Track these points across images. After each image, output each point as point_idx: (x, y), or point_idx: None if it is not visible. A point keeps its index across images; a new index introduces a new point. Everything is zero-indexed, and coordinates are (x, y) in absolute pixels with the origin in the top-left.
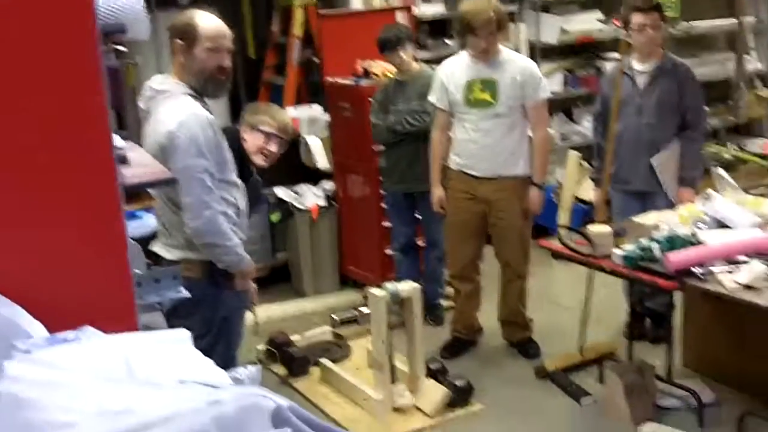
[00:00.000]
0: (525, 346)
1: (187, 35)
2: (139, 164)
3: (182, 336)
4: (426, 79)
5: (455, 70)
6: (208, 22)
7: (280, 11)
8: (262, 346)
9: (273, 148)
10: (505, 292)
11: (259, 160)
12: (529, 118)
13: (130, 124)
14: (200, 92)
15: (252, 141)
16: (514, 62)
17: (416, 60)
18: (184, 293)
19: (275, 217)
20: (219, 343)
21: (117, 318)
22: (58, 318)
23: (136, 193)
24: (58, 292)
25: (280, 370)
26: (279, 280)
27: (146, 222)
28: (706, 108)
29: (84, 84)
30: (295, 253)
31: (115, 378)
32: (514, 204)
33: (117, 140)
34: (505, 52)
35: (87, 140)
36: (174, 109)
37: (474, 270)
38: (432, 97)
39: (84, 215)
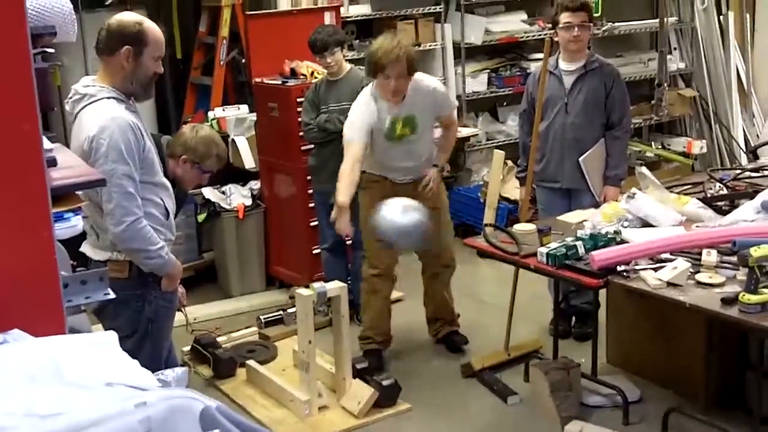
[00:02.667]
0: (452, 339)
1: (138, 42)
2: (66, 166)
3: (109, 338)
4: (356, 79)
5: (376, 111)
6: (155, 29)
7: (208, 11)
8: (187, 348)
9: (206, 181)
10: (430, 287)
11: (188, 187)
12: (441, 123)
13: (56, 125)
14: (135, 97)
15: (189, 175)
16: (422, 89)
17: (346, 60)
18: (111, 294)
19: (201, 217)
20: (146, 344)
21: (45, 320)
22: None
23: (64, 195)
24: None
25: (205, 371)
26: (205, 280)
27: (74, 224)
28: (631, 107)
29: (14, 86)
30: (222, 253)
31: (44, 380)
32: (434, 196)
33: (45, 142)
34: (411, 80)
35: (16, 142)
36: (95, 113)
37: (395, 269)
38: (353, 134)
39: (12, 218)
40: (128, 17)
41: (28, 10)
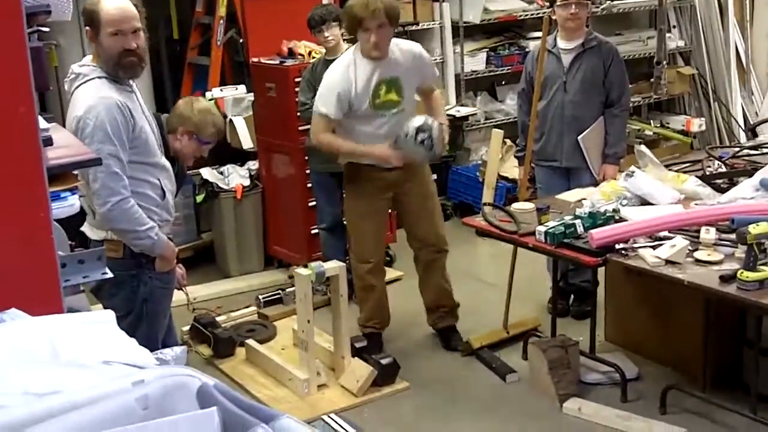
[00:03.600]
0: (448, 335)
1: (92, 22)
2: (63, 145)
3: (107, 317)
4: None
5: (354, 77)
6: (110, 5)
7: None
8: (187, 327)
9: (206, 153)
10: (427, 275)
11: (188, 161)
12: (422, 92)
13: (54, 105)
14: (116, 75)
15: (188, 148)
16: (403, 51)
17: (344, 40)
18: (109, 274)
19: (200, 197)
20: (141, 324)
21: (42, 300)
22: None
23: (61, 174)
24: None
25: (204, 350)
26: (204, 260)
27: (71, 203)
28: (630, 85)
29: (9, 65)
30: (220, 233)
31: (41, 359)
32: (422, 180)
33: (41, 122)
34: (391, 42)
35: (12, 122)
36: (85, 93)
37: (384, 261)
38: (323, 108)
39: (8, 197)
40: None
41: None
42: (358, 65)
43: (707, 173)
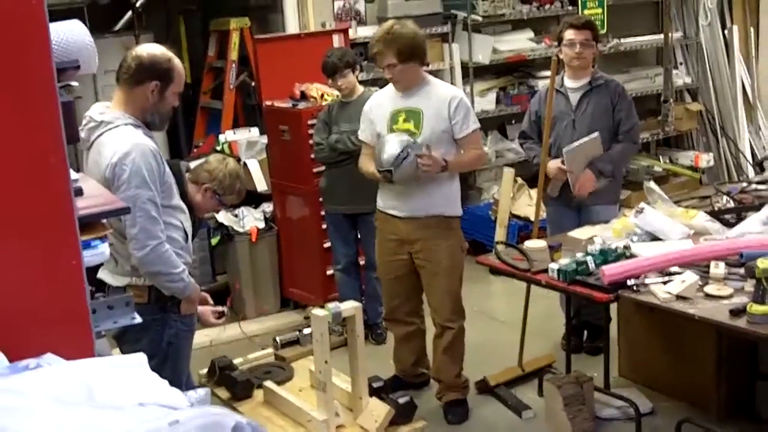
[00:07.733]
0: (447, 410)
1: (166, 77)
2: (92, 195)
3: (139, 360)
4: (367, 101)
5: (381, 101)
6: (180, 66)
7: (216, 35)
8: (204, 370)
9: (220, 211)
10: (434, 343)
11: (200, 214)
12: (461, 148)
13: (69, 150)
14: (151, 126)
15: (207, 204)
16: (440, 92)
17: (360, 82)
18: (138, 319)
19: (215, 240)
20: (166, 367)
21: (75, 345)
22: (19, 346)
23: (90, 223)
24: (19, 321)
25: (222, 393)
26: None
27: (101, 251)
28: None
29: (42, 121)
30: (236, 275)
31: (77, 402)
32: (438, 248)
33: (72, 173)
34: (432, 81)
35: (45, 174)
36: (116, 140)
37: (408, 314)
38: (359, 130)
39: (43, 247)
40: (159, 51)
41: (53, 44)
42: (389, 91)
43: (716, 208)
